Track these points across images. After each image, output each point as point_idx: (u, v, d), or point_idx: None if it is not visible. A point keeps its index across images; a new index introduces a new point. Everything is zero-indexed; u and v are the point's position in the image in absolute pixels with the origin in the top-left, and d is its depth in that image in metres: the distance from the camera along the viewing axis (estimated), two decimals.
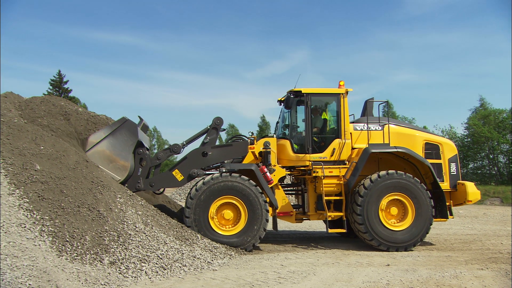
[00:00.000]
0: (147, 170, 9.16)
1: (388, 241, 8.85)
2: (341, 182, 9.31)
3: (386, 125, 9.64)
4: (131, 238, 6.60)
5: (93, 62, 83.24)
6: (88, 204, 6.74)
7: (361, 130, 9.68)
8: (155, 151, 70.28)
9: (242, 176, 8.77)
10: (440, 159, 9.81)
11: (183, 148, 9.45)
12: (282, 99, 10.27)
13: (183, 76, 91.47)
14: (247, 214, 8.67)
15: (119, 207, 7.18)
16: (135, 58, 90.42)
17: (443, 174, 9.73)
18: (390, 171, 9.02)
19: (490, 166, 37.14)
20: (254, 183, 8.77)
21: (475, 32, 74.79)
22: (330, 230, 9.28)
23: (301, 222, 10.24)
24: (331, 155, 9.46)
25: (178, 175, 9.15)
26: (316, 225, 13.40)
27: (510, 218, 16.73)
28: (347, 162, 9.50)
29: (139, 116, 9.36)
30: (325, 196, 9.15)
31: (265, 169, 9.05)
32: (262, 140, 9.47)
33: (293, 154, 9.51)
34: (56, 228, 6.01)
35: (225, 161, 9.40)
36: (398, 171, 9.07)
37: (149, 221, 7.43)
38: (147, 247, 6.60)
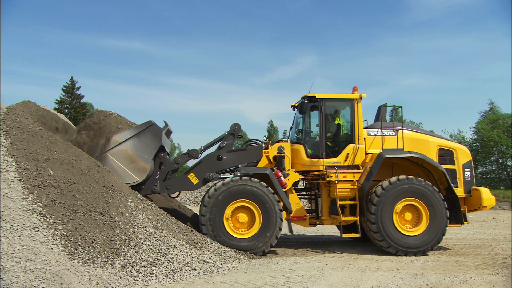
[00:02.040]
0: (165, 174, 9.29)
1: (400, 246, 8.83)
2: (355, 186, 9.34)
3: (400, 131, 9.65)
4: (141, 242, 6.68)
5: (105, 68, 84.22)
6: (99, 208, 6.83)
7: (375, 135, 9.70)
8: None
9: (261, 182, 8.84)
10: (454, 164, 9.79)
11: (201, 153, 9.56)
12: (296, 105, 10.35)
13: (192, 81, 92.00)
14: (262, 220, 8.72)
15: (129, 211, 7.27)
16: (145, 64, 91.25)
17: (457, 179, 9.71)
18: (410, 176, 9.02)
19: (499, 171, 36.81)
20: (272, 191, 8.84)
21: (483, 37, 74.38)
22: (344, 235, 9.32)
23: (315, 226, 10.26)
24: (345, 160, 9.50)
25: (193, 178, 9.24)
26: (325, 229, 13.39)
27: None
28: (361, 167, 9.53)
29: (164, 121, 9.47)
30: (339, 201, 9.17)
31: (279, 173, 9.11)
32: (277, 145, 9.54)
33: (307, 158, 9.55)
34: (69, 232, 6.11)
35: (240, 165, 9.49)
36: (417, 177, 9.07)
37: (159, 225, 7.51)
38: (157, 251, 6.67)
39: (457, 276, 6.90)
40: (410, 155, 9.37)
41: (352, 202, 9.30)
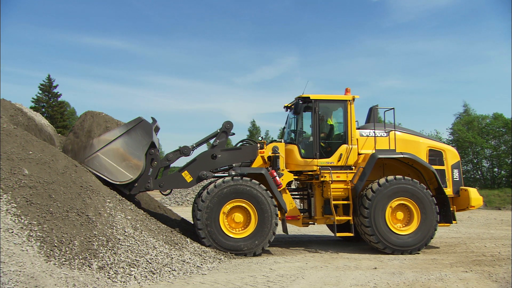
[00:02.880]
0: (157, 171, 9.22)
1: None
2: (348, 186, 9.45)
3: (392, 132, 9.83)
4: (120, 242, 6.58)
5: (84, 66, 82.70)
6: (77, 209, 6.71)
7: (367, 136, 9.85)
8: None
9: (253, 180, 8.87)
10: (444, 165, 10.02)
11: (193, 150, 9.52)
12: (289, 105, 10.44)
13: (174, 81, 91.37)
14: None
15: (108, 211, 7.16)
16: (126, 63, 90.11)
17: (446, 180, 9.94)
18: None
19: (474, 171, 37.85)
20: (265, 188, 8.87)
21: (460, 40, 76.30)
22: (338, 234, 9.43)
23: (307, 226, 10.37)
24: (338, 160, 9.62)
25: (187, 176, 9.21)
26: (305, 229, 13.49)
27: (493, 221, 17.08)
28: (353, 167, 9.65)
29: (152, 117, 9.35)
30: (333, 201, 9.27)
31: (275, 173, 9.16)
32: (271, 145, 9.59)
33: (301, 159, 9.64)
34: (44, 233, 5.97)
35: (234, 164, 9.49)
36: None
37: (138, 225, 7.42)
38: (136, 251, 6.59)
39: (433, 274, 7.06)
40: (402, 156, 9.54)
41: (345, 202, 9.42)
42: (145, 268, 6.33)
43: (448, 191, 9.84)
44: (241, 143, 10.15)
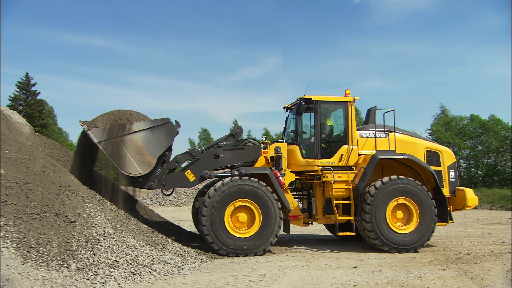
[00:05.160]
0: (165, 172, 9.21)
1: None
2: (349, 187, 9.56)
3: (390, 133, 10.00)
4: (99, 243, 6.48)
5: (63, 64, 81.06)
6: (55, 209, 6.57)
7: (367, 137, 10.00)
8: None
9: (260, 181, 8.91)
10: (440, 166, 10.24)
11: (202, 153, 9.51)
12: (289, 106, 10.58)
13: (157, 80, 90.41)
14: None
15: (87, 212, 7.04)
16: (108, 62, 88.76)
17: (443, 180, 10.16)
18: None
19: None
20: (271, 189, 8.92)
21: (438, 42, 77.93)
22: (340, 233, 9.52)
23: (308, 225, 10.51)
24: (339, 161, 9.76)
25: (190, 175, 9.20)
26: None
27: (469, 220, 17.51)
28: (354, 167, 9.77)
29: (176, 121, 9.32)
30: (334, 201, 9.38)
31: (278, 173, 9.23)
32: (274, 145, 9.67)
33: (303, 159, 9.73)
34: (21, 234, 5.83)
35: (235, 164, 9.56)
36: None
37: (118, 226, 7.32)
38: (116, 252, 6.50)
39: (411, 272, 7.19)
40: (402, 156, 9.70)
41: (346, 202, 9.53)
42: (125, 269, 6.25)
43: (445, 191, 10.07)
44: (242, 143, 10.23)
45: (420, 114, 75.02)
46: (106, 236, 6.74)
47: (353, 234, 9.47)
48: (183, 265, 7.25)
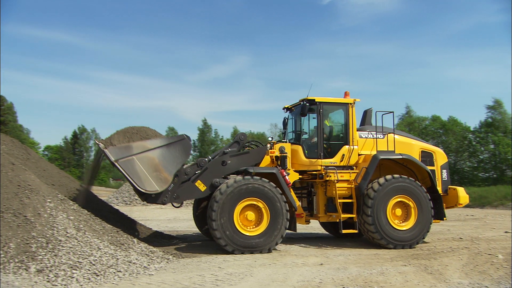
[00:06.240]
0: (177, 187, 9.17)
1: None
2: (351, 186, 9.82)
3: (390, 134, 10.36)
4: (61, 244, 6.27)
5: (25, 59, 77.66)
6: (13, 209, 6.31)
7: (366, 137, 10.33)
8: (93, 153, 67.29)
9: (263, 178, 9.04)
10: (434, 166, 10.66)
11: (209, 162, 9.56)
12: (289, 107, 10.88)
13: (123, 77, 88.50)
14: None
15: (48, 212, 6.79)
16: (70, 57, 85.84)
17: (436, 179, 10.52)
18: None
19: None
20: (275, 185, 9.06)
21: (402, 45, 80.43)
22: (344, 231, 9.71)
23: (309, 223, 10.76)
24: (341, 161, 10.03)
25: (201, 185, 9.27)
26: None
27: None
28: (354, 167, 10.04)
29: (186, 135, 9.29)
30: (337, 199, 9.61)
31: (284, 173, 9.42)
32: (278, 145, 9.91)
33: (306, 159, 10.00)
34: None
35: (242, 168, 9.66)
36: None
37: (81, 226, 7.11)
38: (79, 253, 6.31)
39: (375, 268, 7.40)
40: (401, 157, 10.03)
41: (347, 200, 9.77)
42: (88, 270, 6.08)
43: (438, 189, 10.44)
44: (245, 146, 10.36)
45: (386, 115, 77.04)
46: (68, 237, 6.53)
47: (355, 231, 9.78)
48: (149, 265, 7.13)
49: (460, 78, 78.34)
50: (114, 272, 6.33)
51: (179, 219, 17.73)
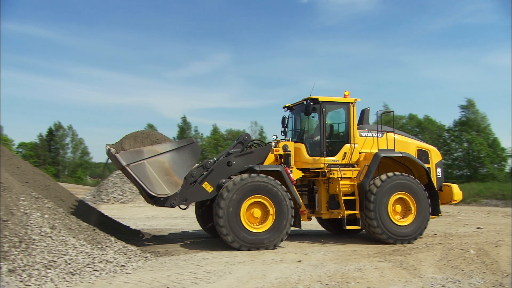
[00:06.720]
0: (186, 189, 9.25)
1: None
2: (354, 183, 10.01)
3: (386, 133, 10.63)
4: (35, 243, 6.12)
5: None
6: None
7: (366, 136, 10.59)
8: (69, 150, 65.80)
9: (268, 176, 9.17)
10: (429, 163, 10.96)
11: (215, 163, 9.60)
12: (290, 105, 11.01)
13: (101, 73, 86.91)
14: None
15: (22, 210, 6.62)
16: (48, 53, 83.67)
17: (431, 177, 10.75)
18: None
19: None
20: (279, 182, 9.23)
21: (380, 44, 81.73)
22: (348, 227, 9.86)
23: (310, 220, 11.02)
24: (343, 159, 10.25)
25: (208, 187, 9.37)
26: None
27: None
28: (355, 165, 10.24)
29: (193, 139, 9.35)
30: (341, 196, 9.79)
31: (288, 170, 9.54)
32: (282, 143, 10.13)
33: (309, 157, 10.15)
34: None
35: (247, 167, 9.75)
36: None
37: (56, 224, 6.96)
38: (54, 252, 6.18)
39: (352, 264, 7.52)
40: (401, 155, 10.31)
41: (349, 197, 9.93)
42: (64, 269, 5.96)
43: (434, 186, 10.69)
44: (249, 145, 10.39)
45: None
46: (42, 236, 6.38)
47: (359, 227, 9.97)
48: (126, 263, 7.04)
49: (436, 78, 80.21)
50: (91, 271, 6.23)
51: (157, 217, 17.57)
